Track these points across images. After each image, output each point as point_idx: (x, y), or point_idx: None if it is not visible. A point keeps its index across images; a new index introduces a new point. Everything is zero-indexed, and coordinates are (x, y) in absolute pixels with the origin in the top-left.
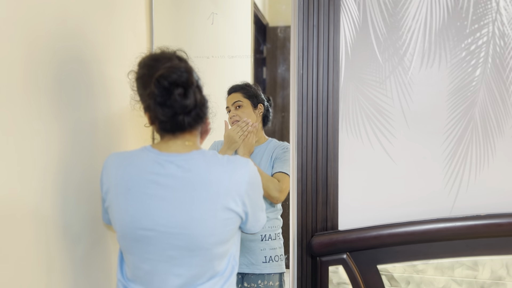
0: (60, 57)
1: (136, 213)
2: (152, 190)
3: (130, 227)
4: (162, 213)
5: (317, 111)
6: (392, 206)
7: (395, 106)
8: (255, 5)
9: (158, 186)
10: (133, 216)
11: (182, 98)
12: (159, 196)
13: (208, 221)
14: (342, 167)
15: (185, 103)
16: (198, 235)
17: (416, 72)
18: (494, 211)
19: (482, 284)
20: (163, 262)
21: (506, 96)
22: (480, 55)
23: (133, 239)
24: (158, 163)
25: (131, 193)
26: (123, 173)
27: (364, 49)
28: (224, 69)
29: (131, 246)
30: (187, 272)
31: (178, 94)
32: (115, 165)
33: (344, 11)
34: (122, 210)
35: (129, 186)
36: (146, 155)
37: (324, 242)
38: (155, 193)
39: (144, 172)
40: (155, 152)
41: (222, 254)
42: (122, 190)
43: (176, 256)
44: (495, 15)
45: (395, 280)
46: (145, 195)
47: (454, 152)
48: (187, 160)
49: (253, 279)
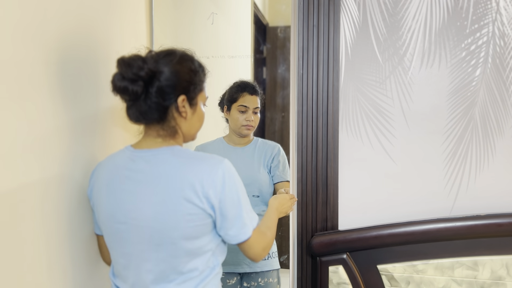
0: (60, 57)
1: (112, 207)
2: (126, 185)
3: (108, 221)
4: (132, 206)
5: (317, 111)
6: (392, 206)
7: (395, 106)
8: (255, 5)
9: (130, 181)
10: (110, 210)
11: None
12: (130, 190)
13: (171, 215)
14: (342, 167)
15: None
16: (162, 229)
17: (416, 72)
18: (494, 211)
19: (482, 284)
20: (135, 256)
21: (506, 96)
22: (480, 55)
23: (111, 233)
24: (131, 159)
25: (108, 188)
26: (103, 171)
27: (364, 49)
28: (225, 69)
29: (110, 241)
30: (155, 267)
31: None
32: (100, 167)
33: (344, 11)
34: (102, 205)
35: (107, 182)
36: (123, 152)
37: (324, 242)
38: (128, 188)
39: (120, 168)
40: (131, 149)
41: (192, 252)
42: (102, 186)
43: (145, 250)
44: (495, 15)
45: (395, 280)
46: (119, 190)
47: (454, 152)
48: (155, 155)
49: (253, 277)
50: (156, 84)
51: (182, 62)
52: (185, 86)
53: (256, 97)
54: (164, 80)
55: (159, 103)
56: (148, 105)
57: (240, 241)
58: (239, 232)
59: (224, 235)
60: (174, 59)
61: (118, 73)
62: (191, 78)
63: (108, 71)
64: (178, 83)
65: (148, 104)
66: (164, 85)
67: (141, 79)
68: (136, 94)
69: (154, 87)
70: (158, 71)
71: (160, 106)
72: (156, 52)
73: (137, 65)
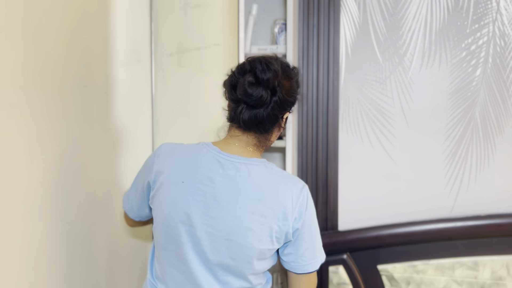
0: (60, 57)
1: (184, 207)
2: (207, 187)
3: (175, 220)
4: (211, 212)
5: (317, 111)
6: (392, 206)
7: (395, 106)
8: None
9: (214, 185)
10: (181, 209)
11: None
12: (212, 195)
13: (256, 233)
14: (342, 167)
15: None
16: (242, 245)
17: (417, 72)
18: (494, 211)
19: (483, 284)
20: (198, 265)
21: (506, 96)
22: (480, 55)
23: (174, 234)
24: (219, 162)
25: (185, 185)
26: (180, 164)
27: (364, 49)
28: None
29: (170, 241)
30: (219, 278)
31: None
32: (171, 154)
33: (344, 11)
34: (171, 201)
35: (183, 178)
36: (205, 150)
37: (324, 242)
38: (210, 191)
39: (203, 166)
40: (216, 149)
41: (258, 270)
42: (175, 180)
43: (213, 261)
44: (495, 15)
45: (395, 280)
46: (199, 191)
47: (454, 152)
48: (248, 165)
49: None
50: (279, 96)
51: (298, 82)
52: (293, 103)
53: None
54: (286, 94)
55: (276, 115)
56: (268, 115)
57: (306, 272)
58: (308, 262)
59: (290, 262)
60: (295, 76)
61: (253, 75)
62: (297, 97)
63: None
64: (293, 100)
65: (268, 113)
66: (286, 99)
67: (272, 86)
68: (265, 102)
69: (277, 97)
70: (282, 82)
71: (275, 118)
72: (273, 59)
73: (274, 69)
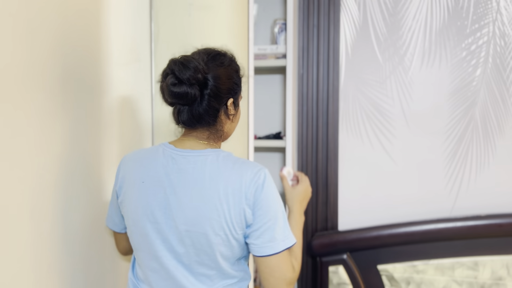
0: (60, 57)
1: (148, 206)
2: (165, 183)
3: (142, 220)
4: (172, 207)
5: (317, 111)
6: (392, 206)
7: (395, 105)
8: None
9: (171, 181)
10: (145, 209)
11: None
12: (171, 190)
13: (215, 220)
14: (342, 167)
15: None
16: (203, 234)
17: (417, 72)
18: (494, 211)
19: (483, 284)
20: (170, 259)
21: (506, 96)
22: (480, 55)
23: (144, 233)
24: (172, 158)
25: (145, 185)
26: (139, 166)
27: (364, 49)
28: None
29: (141, 241)
30: (194, 271)
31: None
32: (133, 160)
33: (344, 11)
34: (135, 203)
35: (143, 178)
36: (161, 150)
37: (324, 243)
38: (168, 187)
39: (158, 165)
40: (171, 147)
41: (229, 257)
42: (136, 182)
43: (182, 254)
44: (495, 15)
45: (395, 280)
46: (158, 188)
47: (454, 152)
48: (200, 156)
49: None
50: (211, 87)
51: (231, 64)
52: (234, 89)
53: None
54: (218, 83)
55: (214, 107)
56: (204, 109)
57: (264, 254)
58: (268, 244)
59: (250, 244)
60: (225, 61)
61: (174, 76)
62: (238, 80)
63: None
64: (230, 86)
65: (204, 107)
66: (219, 88)
67: (197, 81)
68: (194, 98)
69: (208, 89)
70: (211, 73)
71: (214, 110)
72: (202, 51)
73: (193, 66)
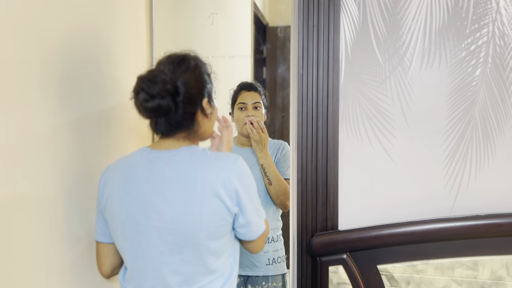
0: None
1: (130, 209)
2: (145, 186)
3: (125, 224)
4: (153, 207)
5: (317, 111)
6: (392, 206)
7: (395, 106)
8: (255, 5)
9: (149, 183)
10: (128, 213)
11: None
12: (150, 192)
13: (195, 216)
14: (342, 167)
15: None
16: (186, 230)
17: (416, 72)
18: (494, 211)
19: (482, 284)
20: (155, 259)
21: (506, 96)
22: (480, 55)
23: (128, 236)
24: (149, 160)
25: (126, 190)
26: (120, 172)
27: (364, 49)
28: (224, 69)
29: (126, 245)
30: (180, 269)
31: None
32: (114, 167)
33: (344, 11)
34: (117, 208)
35: (123, 184)
36: (139, 154)
37: (324, 242)
38: (147, 189)
39: (137, 169)
40: (148, 150)
41: (215, 251)
42: (118, 188)
43: (166, 252)
44: (495, 15)
45: (395, 280)
46: (138, 191)
47: (454, 152)
48: (174, 156)
49: (257, 281)
50: (183, 94)
51: (197, 65)
52: (205, 88)
53: (254, 92)
54: (189, 88)
55: (190, 111)
56: (181, 116)
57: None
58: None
59: (237, 234)
60: (190, 65)
61: (144, 92)
62: (208, 79)
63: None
64: (202, 87)
65: (180, 114)
66: (191, 92)
67: (168, 93)
68: (169, 109)
69: (181, 97)
70: (180, 80)
71: (191, 114)
72: (165, 60)
73: (161, 80)
